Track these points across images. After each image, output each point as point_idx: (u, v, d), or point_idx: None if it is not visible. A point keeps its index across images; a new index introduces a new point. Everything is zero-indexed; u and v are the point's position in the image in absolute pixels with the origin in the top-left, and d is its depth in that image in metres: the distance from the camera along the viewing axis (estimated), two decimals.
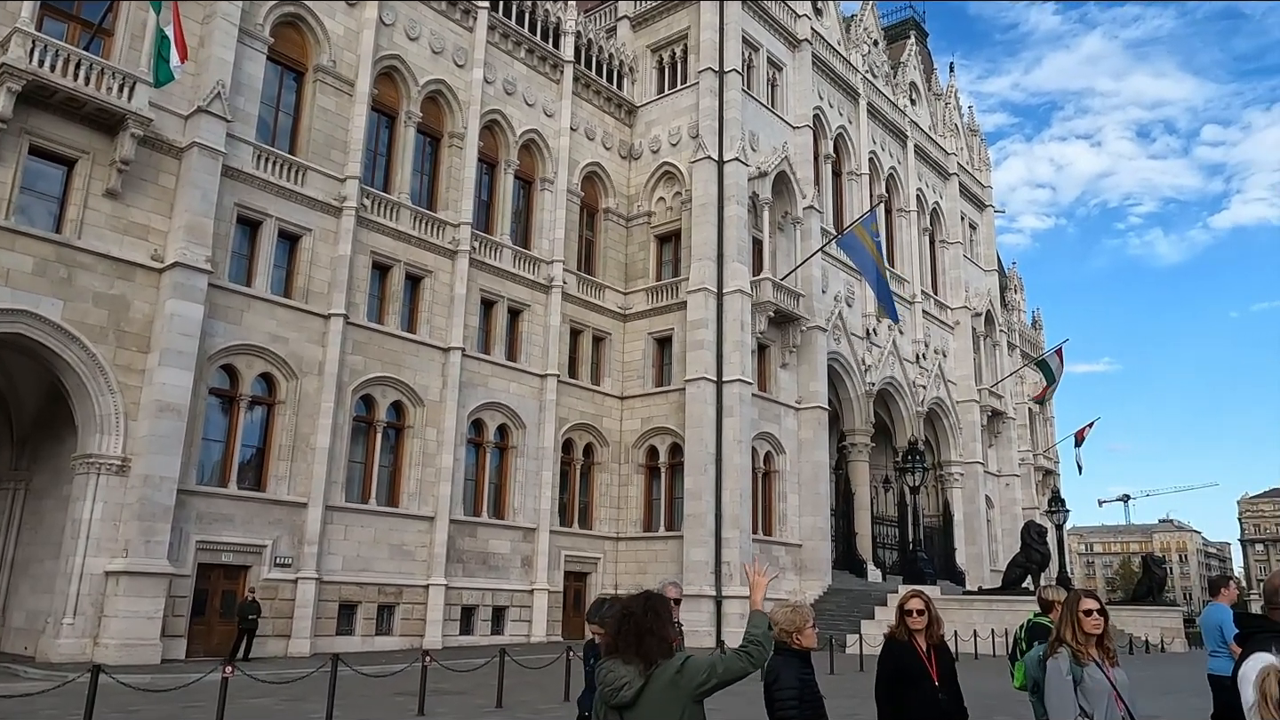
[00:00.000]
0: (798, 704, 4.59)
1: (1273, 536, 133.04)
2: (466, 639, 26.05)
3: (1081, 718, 4.71)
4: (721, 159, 32.16)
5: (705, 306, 30.88)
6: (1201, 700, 8.49)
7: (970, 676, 18.96)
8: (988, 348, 49.16)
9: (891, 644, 5.68)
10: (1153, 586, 40.86)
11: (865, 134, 41.31)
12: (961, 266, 47.82)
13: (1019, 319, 61.07)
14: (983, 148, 53.96)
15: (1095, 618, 4.88)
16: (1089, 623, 4.85)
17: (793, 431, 33.60)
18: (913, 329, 42.44)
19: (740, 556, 29.01)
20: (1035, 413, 59.76)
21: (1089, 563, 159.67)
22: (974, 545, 43.19)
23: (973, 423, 45.01)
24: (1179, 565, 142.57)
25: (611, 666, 3.38)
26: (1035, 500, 52.37)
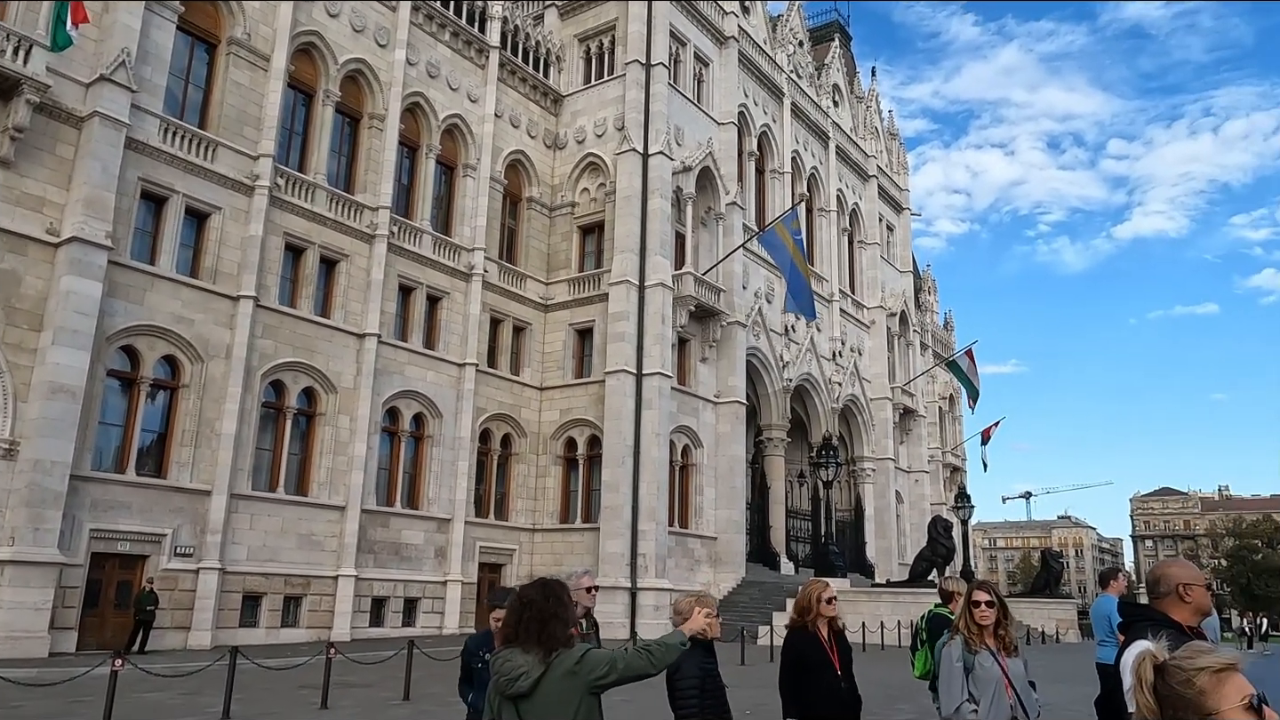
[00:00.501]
0: (698, 694, 4.58)
1: (1161, 533, 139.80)
2: (377, 631, 25.55)
3: (969, 703, 4.82)
4: (646, 152, 32.16)
5: (627, 299, 30.87)
6: (1091, 688, 8.82)
7: (876, 666, 19.45)
8: (901, 347, 50.39)
9: (795, 634, 5.73)
10: (1050, 580, 42.54)
11: (789, 133, 41.83)
12: (879, 267, 48.87)
13: (932, 320, 62.76)
14: (901, 152, 55.21)
15: (984, 609, 5.00)
16: (978, 614, 4.97)
17: (711, 425, 33.87)
18: (830, 327, 43.22)
19: (656, 549, 29.15)
20: (944, 411, 61.53)
21: (992, 557, 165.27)
22: (884, 539, 44.27)
23: (885, 420, 46.10)
24: (1075, 560, 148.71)
25: (509, 656, 3.29)
26: (943, 496, 53.97)
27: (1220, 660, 1.86)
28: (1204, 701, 1.83)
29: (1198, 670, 1.86)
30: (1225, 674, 1.85)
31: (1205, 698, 1.83)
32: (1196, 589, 3.41)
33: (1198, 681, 1.85)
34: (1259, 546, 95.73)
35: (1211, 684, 1.84)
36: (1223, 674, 1.85)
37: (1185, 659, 1.90)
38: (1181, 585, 3.41)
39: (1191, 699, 1.84)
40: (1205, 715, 1.82)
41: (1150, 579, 3.53)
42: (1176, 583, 3.42)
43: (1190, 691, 1.85)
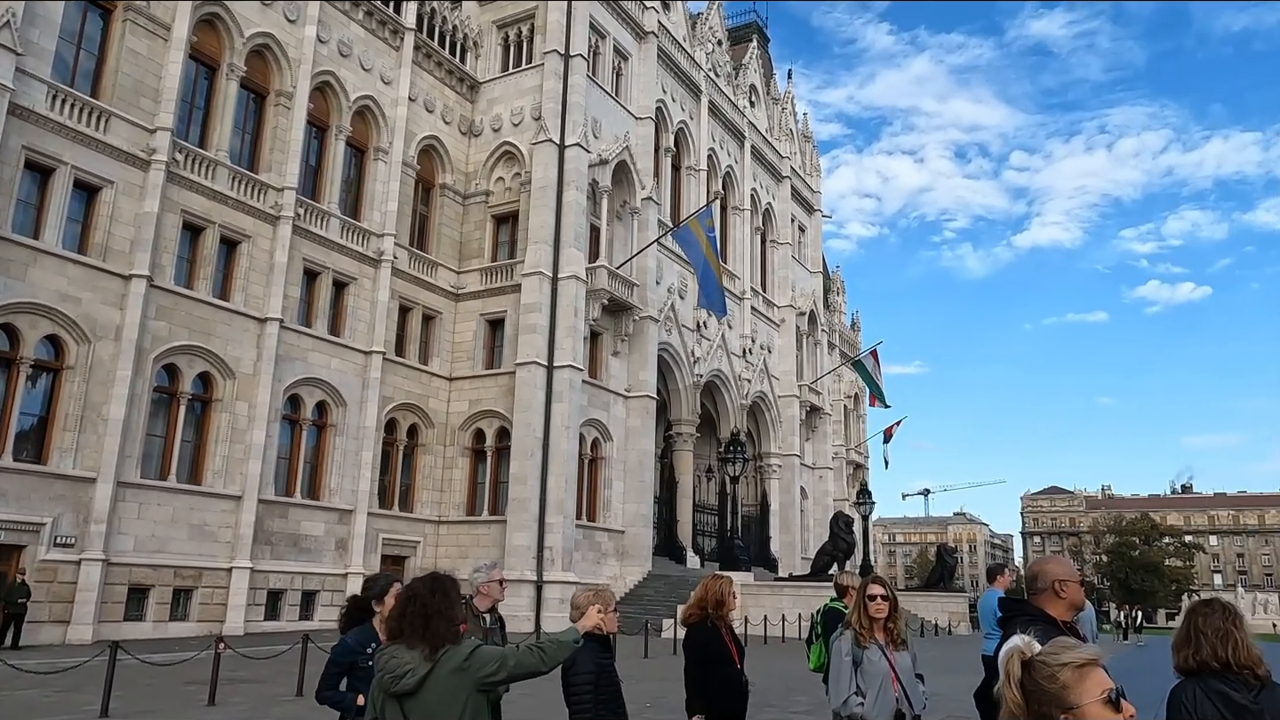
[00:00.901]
0: (593, 689, 4.55)
1: (1049, 530, 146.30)
2: (272, 625, 24.80)
3: (856, 696, 4.93)
4: (563, 143, 31.96)
5: (540, 290, 30.65)
6: (975, 678, 9.15)
7: (776, 659, 19.76)
8: (809, 346, 51.40)
9: (698, 629, 5.78)
10: (944, 574, 44.02)
11: (705, 131, 42.16)
12: (790, 267, 49.72)
13: (840, 320, 64.20)
14: (815, 154, 56.25)
15: (879, 602, 5.13)
16: (873, 607, 5.09)
17: (621, 419, 33.93)
18: (741, 324, 43.77)
19: (563, 542, 29.07)
20: (849, 409, 63.04)
21: (891, 552, 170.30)
22: (788, 534, 45.13)
23: (792, 417, 46.97)
24: (969, 555, 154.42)
25: (394, 652, 3.19)
26: (845, 492, 55.31)
27: (1082, 656, 1.93)
28: (1066, 695, 1.89)
29: (1061, 665, 1.92)
30: (1087, 669, 1.91)
31: (1067, 692, 1.89)
32: (1071, 585, 3.56)
33: (1061, 676, 1.90)
34: (1137, 544, 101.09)
35: (1074, 679, 1.90)
36: (1084, 669, 1.91)
37: (1050, 655, 1.95)
38: (1057, 581, 3.55)
39: (1054, 693, 1.90)
40: (1067, 709, 1.88)
41: (1029, 575, 3.67)
42: (1053, 579, 3.56)
43: (1054, 686, 1.90)
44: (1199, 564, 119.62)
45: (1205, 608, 3.35)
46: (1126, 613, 54.74)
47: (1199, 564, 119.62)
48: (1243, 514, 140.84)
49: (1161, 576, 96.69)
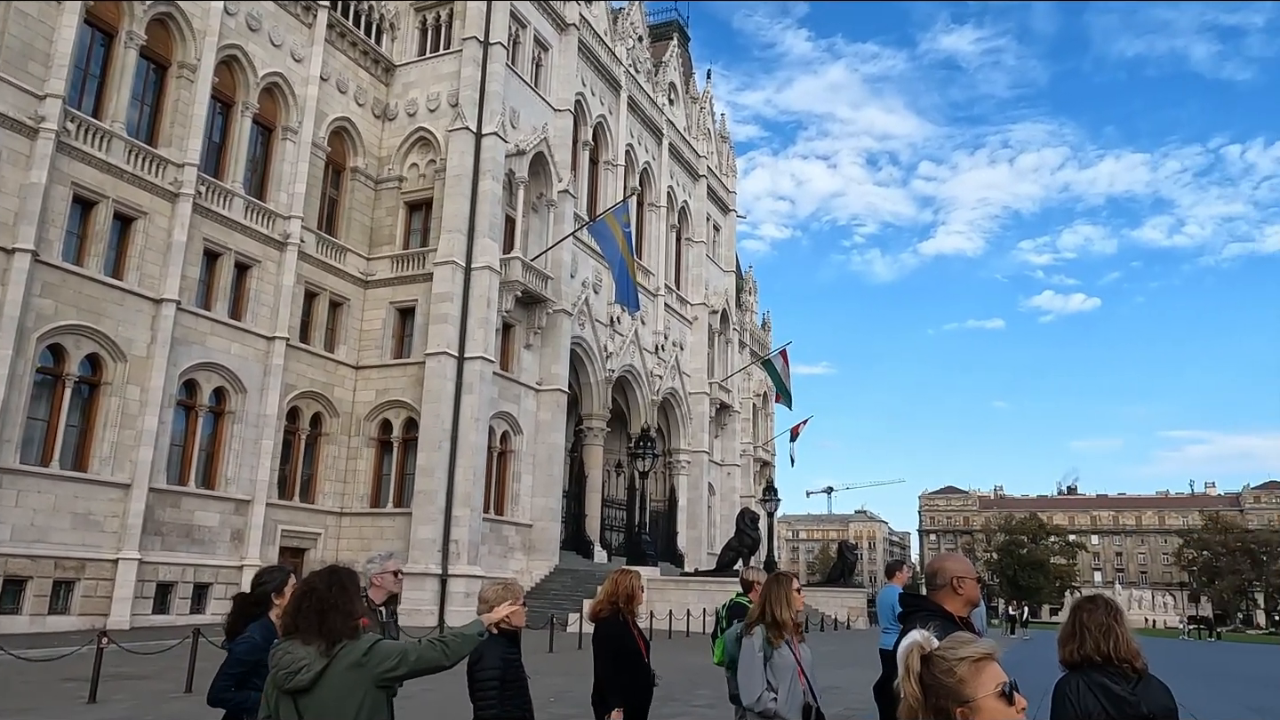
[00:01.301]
0: (499, 685, 4.50)
1: (944, 528, 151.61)
2: (161, 619, 23.81)
3: (769, 692, 5.01)
4: (480, 132, 31.53)
5: (453, 280, 30.19)
6: (873, 672, 9.40)
7: (681, 652, 19.96)
8: (721, 344, 52.02)
9: (608, 624, 5.79)
10: (845, 570, 45.17)
11: (624, 126, 42.17)
12: (704, 265, 50.19)
13: (751, 319, 65.13)
14: (731, 154, 56.88)
15: (800, 596, 5.28)
16: (799, 599, 5.23)
17: (532, 412, 33.72)
18: (654, 320, 43.99)
19: (470, 535, 28.74)
20: (758, 408, 64.05)
21: (794, 548, 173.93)
22: (695, 529, 45.61)
23: (702, 414, 47.46)
24: (868, 551, 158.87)
25: (288, 648, 3.08)
26: (752, 489, 56.21)
27: (979, 650, 1.99)
28: (962, 689, 1.94)
29: (958, 660, 1.97)
30: (983, 663, 1.97)
31: (963, 685, 1.94)
32: (968, 582, 3.68)
33: (958, 670, 1.96)
34: (1025, 542, 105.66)
35: (970, 673, 1.95)
36: (980, 663, 1.97)
37: (948, 649, 2.01)
38: (956, 578, 3.67)
39: (951, 687, 1.95)
40: (963, 702, 1.94)
41: (928, 572, 3.78)
42: (951, 576, 3.68)
43: (951, 680, 1.96)
44: (1081, 562, 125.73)
45: (1089, 604, 3.51)
46: (1015, 608, 57.11)
47: (1081, 562, 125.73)
48: (1122, 515, 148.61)
49: (1047, 574, 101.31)
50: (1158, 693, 3.29)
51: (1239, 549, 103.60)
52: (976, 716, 1.93)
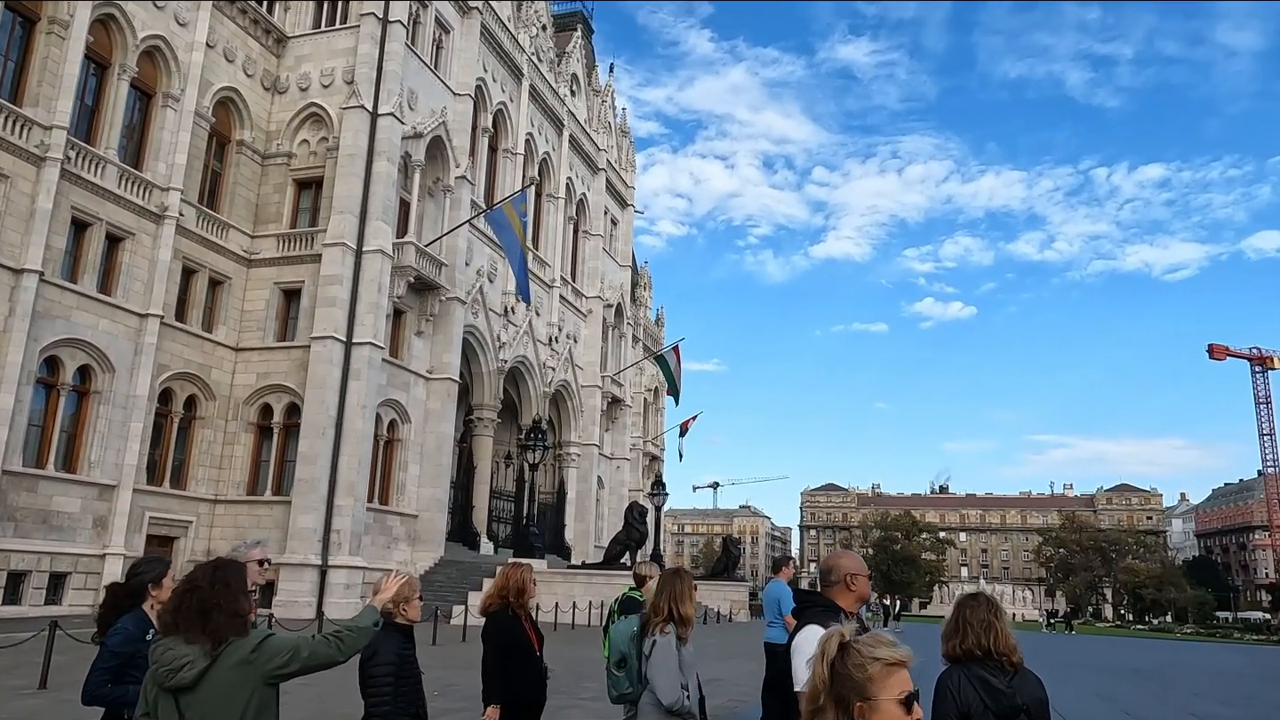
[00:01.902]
0: (393, 681, 4.38)
1: (824, 524, 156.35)
2: (12, 610, 22.31)
3: (684, 690, 5.05)
4: (376, 111, 30.67)
5: (342, 263, 29.30)
6: (756, 665, 9.60)
7: (568, 646, 19.96)
8: (615, 338, 52.19)
9: (499, 618, 5.73)
10: (729, 564, 46.03)
11: (525, 115, 41.76)
12: (600, 258, 50.22)
13: (645, 315, 65.57)
14: (631, 149, 57.05)
15: (696, 589, 5.33)
16: (697, 594, 5.28)
17: (421, 401, 33.07)
18: (549, 312, 43.76)
19: (352, 525, 28.00)
20: (649, 403, 64.58)
21: (680, 542, 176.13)
22: (583, 522, 45.66)
23: (594, 407, 47.53)
24: (751, 546, 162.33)
25: (170, 645, 2.92)
26: (641, 483, 56.64)
27: (895, 655, 2.07)
28: (868, 686, 2.02)
29: (873, 659, 2.05)
30: (895, 668, 2.05)
31: (871, 683, 2.02)
32: (860, 579, 3.81)
33: (870, 668, 2.03)
34: (899, 538, 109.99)
35: (880, 674, 2.03)
36: (893, 667, 2.04)
37: (867, 646, 2.08)
38: (849, 575, 3.79)
39: (859, 681, 2.03)
40: (865, 698, 2.01)
41: (823, 568, 3.89)
42: (845, 573, 3.80)
43: (860, 675, 2.03)
44: (950, 558, 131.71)
45: (972, 601, 3.67)
46: (888, 601, 59.37)
47: (950, 558, 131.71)
48: (988, 514, 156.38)
49: (918, 569, 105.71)
50: (1031, 685, 3.47)
51: (1091, 547, 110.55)
52: (873, 715, 2.01)
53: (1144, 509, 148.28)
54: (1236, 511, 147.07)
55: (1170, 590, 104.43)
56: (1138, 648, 47.70)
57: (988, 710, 3.35)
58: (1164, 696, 20.53)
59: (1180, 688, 23.22)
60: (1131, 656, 37.35)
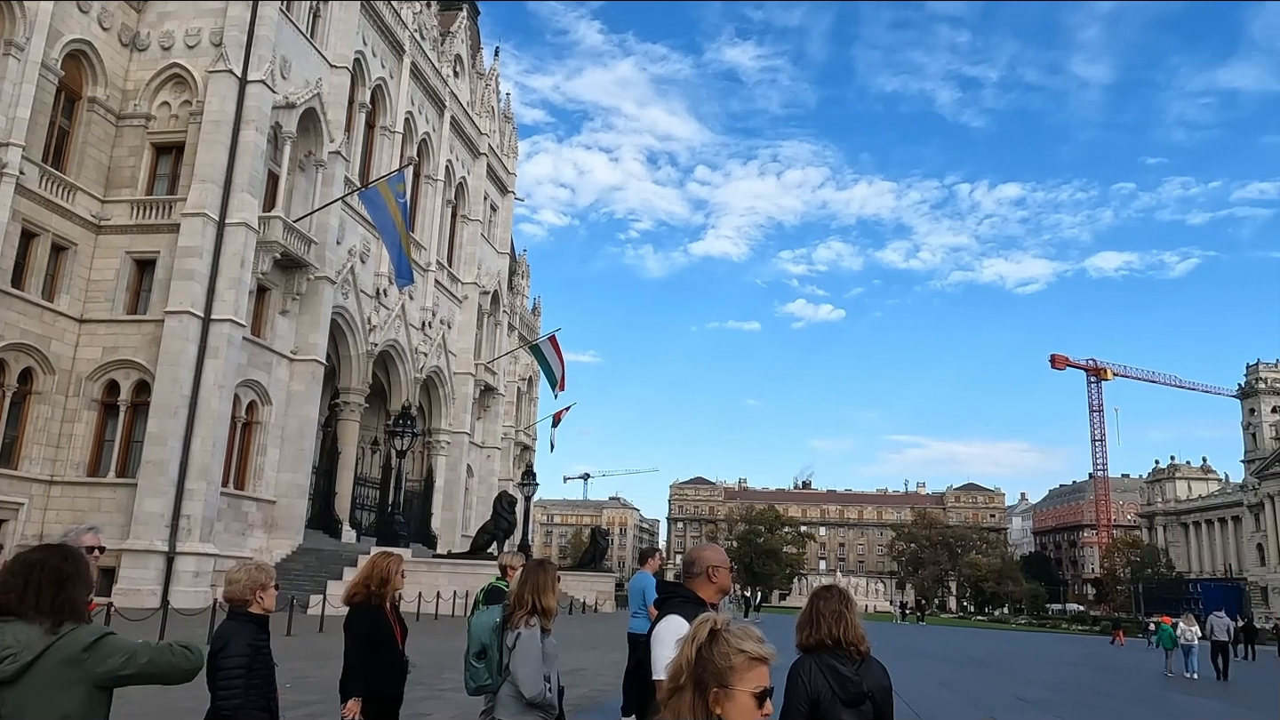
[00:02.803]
0: (244, 674, 4.20)
1: (691, 516, 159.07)
2: None
3: (546, 682, 5.04)
4: (245, 78, 29.23)
5: (203, 234, 27.83)
6: (619, 655, 9.71)
7: (431, 636, 19.67)
8: (490, 325, 51.57)
9: (364, 609, 5.61)
10: (596, 555, 46.38)
11: (405, 93, 40.67)
12: (478, 244, 49.48)
13: (522, 303, 65.05)
14: (514, 136, 56.42)
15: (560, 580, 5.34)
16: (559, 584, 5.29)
17: (283, 382, 31.82)
18: (423, 296, 42.83)
19: (204, 510, 26.70)
20: (523, 392, 64.16)
21: (549, 532, 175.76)
22: (450, 511, 44.97)
23: (466, 395, 46.85)
24: (620, 537, 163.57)
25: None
26: (511, 472, 56.26)
27: (760, 651, 2.15)
28: (729, 675, 2.10)
29: (738, 650, 2.13)
30: (757, 663, 2.13)
31: (732, 673, 2.10)
32: (722, 571, 3.91)
33: (734, 659, 2.11)
34: (763, 531, 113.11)
35: (742, 665, 2.11)
36: (755, 662, 2.13)
37: (735, 638, 2.15)
38: (711, 568, 3.89)
39: (721, 669, 2.10)
40: (723, 685, 2.09)
41: (687, 560, 3.98)
42: (707, 565, 3.89)
43: (724, 663, 2.11)
44: (809, 551, 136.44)
45: (826, 593, 3.83)
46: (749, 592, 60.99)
47: (809, 551, 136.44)
48: (847, 509, 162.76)
49: (779, 561, 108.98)
50: (877, 673, 3.66)
51: (940, 543, 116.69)
52: (728, 703, 2.09)
53: (988, 507, 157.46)
54: (1069, 511, 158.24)
55: (1008, 584, 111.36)
56: (977, 638, 50.73)
57: (835, 696, 3.51)
58: (998, 683, 21.92)
59: (1013, 675, 24.84)
60: (971, 646, 39.69)
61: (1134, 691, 21.76)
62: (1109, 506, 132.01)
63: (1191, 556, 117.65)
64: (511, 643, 5.01)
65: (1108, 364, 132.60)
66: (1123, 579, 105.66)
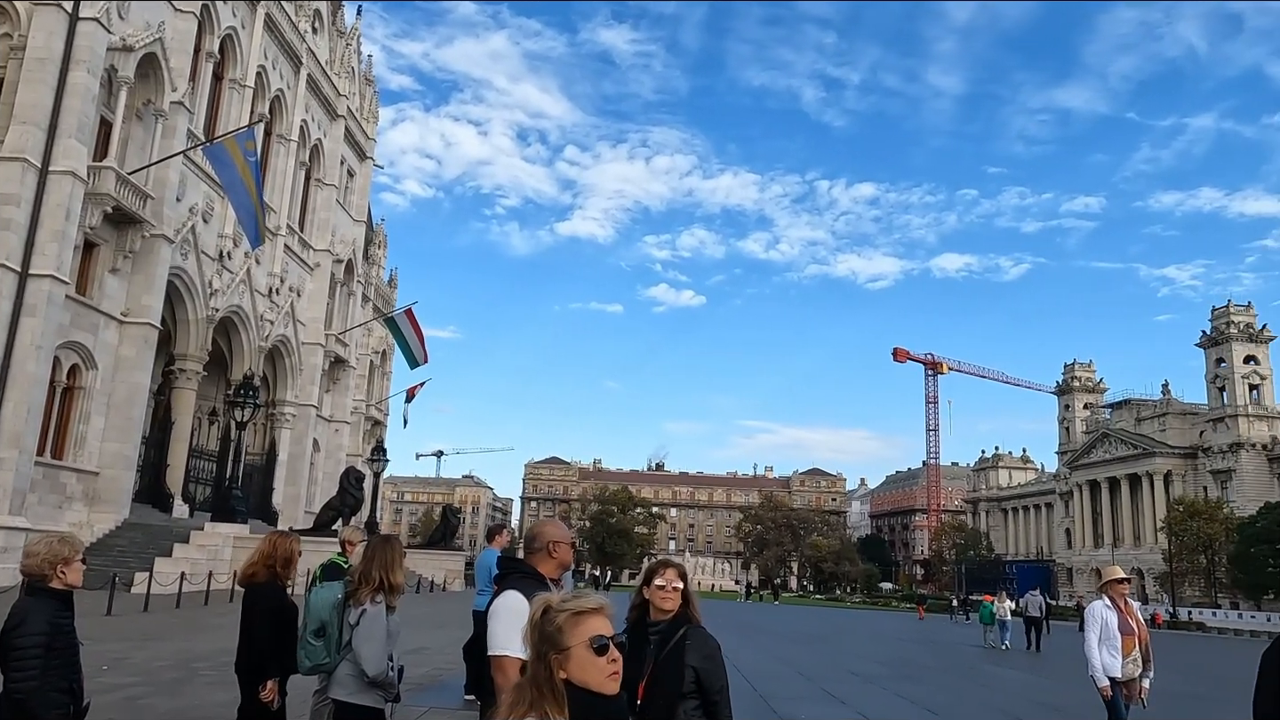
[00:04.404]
0: (43, 654, 3.87)
1: (546, 496, 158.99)
2: None
3: (389, 661, 4.92)
4: (77, 14, 26.90)
5: (22, 181, 25.51)
6: (465, 633, 9.62)
7: None
8: (343, 295, 49.73)
9: (269, 589, 5.62)
10: (447, 533, 45.72)
11: (258, 45, 38.47)
12: (333, 210, 47.53)
13: (379, 274, 62.96)
14: (376, 100, 54.41)
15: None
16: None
17: (112, 346, 29.70)
18: (271, 261, 40.81)
19: (16, 481, 24.64)
20: (376, 365, 62.24)
21: (399, 510, 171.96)
22: (294, 486, 43.25)
23: (315, 366, 45.07)
24: (472, 516, 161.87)
25: None
26: (360, 448, 54.55)
27: (584, 605, 2.20)
28: (559, 637, 2.14)
29: (561, 611, 2.17)
30: (584, 616, 2.17)
31: (561, 634, 2.15)
32: (563, 546, 3.91)
33: (558, 620, 2.16)
34: (615, 512, 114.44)
35: (569, 624, 2.15)
36: (581, 616, 2.17)
37: (560, 602, 2.21)
38: (552, 543, 3.88)
39: (551, 635, 2.15)
40: (559, 649, 2.13)
41: (528, 535, 3.96)
42: (548, 540, 3.88)
43: (550, 628, 2.16)
44: (661, 532, 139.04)
45: (662, 568, 3.90)
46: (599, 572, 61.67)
47: (661, 532, 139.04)
48: (698, 491, 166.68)
49: (631, 541, 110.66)
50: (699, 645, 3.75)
51: (784, 525, 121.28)
52: (568, 663, 2.12)
53: (830, 491, 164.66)
54: (903, 496, 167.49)
55: (846, 564, 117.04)
56: (816, 615, 53.09)
57: None
58: (832, 657, 23.01)
59: (846, 650, 26.14)
60: (809, 623, 41.49)
61: (955, 664, 23.31)
62: (939, 492, 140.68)
63: (1009, 539, 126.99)
64: (355, 620, 4.87)
65: (944, 359, 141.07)
66: (948, 560, 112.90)
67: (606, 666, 2.14)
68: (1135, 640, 7.73)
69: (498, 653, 3.33)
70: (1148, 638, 7.90)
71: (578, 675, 2.12)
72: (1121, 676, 7.67)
